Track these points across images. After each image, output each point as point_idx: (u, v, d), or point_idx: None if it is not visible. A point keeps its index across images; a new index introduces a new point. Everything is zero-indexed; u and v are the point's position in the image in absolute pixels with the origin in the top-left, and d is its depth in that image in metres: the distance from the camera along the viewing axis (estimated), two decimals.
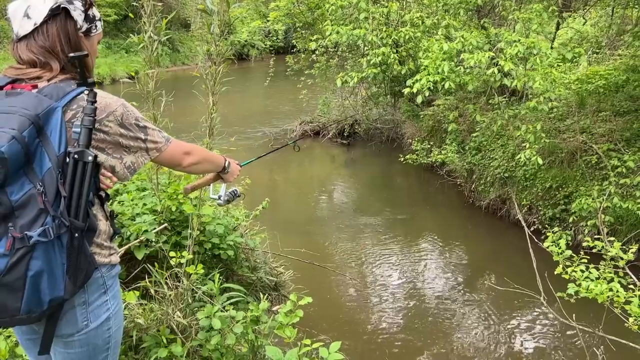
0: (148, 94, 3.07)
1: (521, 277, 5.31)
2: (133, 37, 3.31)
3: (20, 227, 1.34)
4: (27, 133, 1.35)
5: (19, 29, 1.52)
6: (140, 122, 1.61)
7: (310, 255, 5.06)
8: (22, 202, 1.35)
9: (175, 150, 1.72)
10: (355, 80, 7.17)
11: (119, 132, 1.55)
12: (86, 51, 1.55)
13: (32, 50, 1.51)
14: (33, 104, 1.40)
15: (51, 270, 1.39)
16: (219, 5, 2.71)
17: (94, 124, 1.46)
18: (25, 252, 1.34)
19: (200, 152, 1.88)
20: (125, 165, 1.59)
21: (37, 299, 1.38)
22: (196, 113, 3.28)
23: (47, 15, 1.50)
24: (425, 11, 7.99)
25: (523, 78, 5.73)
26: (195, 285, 3.05)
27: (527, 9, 6.47)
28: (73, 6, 1.54)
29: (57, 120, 1.41)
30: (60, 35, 1.52)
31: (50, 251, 1.38)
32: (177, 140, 1.76)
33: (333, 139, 11.93)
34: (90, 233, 1.53)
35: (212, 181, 2.20)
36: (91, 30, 1.61)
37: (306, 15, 11.63)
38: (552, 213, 6.66)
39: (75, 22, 1.55)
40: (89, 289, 1.57)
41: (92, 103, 1.45)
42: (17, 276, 1.34)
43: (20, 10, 1.51)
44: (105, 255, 1.62)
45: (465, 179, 8.31)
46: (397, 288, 5.77)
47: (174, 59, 24.37)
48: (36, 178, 1.37)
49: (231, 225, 3.86)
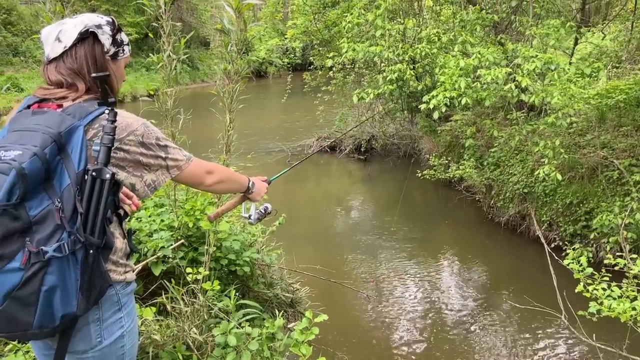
0: (167, 112, 3.12)
1: (541, 294, 5.22)
2: (153, 56, 3.38)
3: (37, 242, 1.37)
4: (49, 150, 1.39)
5: (50, 51, 1.59)
6: (161, 141, 1.63)
7: (327, 272, 5.04)
8: (40, 218, 1.38)
9: (196, 169, 1.74)
10: (372, 96, 7.19)
11: (139, 150, 1.58)
12: (108, 72, 1.59)
13: (60, 71, 1.57)
14: (56, 122, 1.45)
15: (64, 285, 1.41)
16: (236, 25, 2.75)
17: (113, 142, 1.49)
18: (40, 267, 1.36)
19: (222, 171, 1.89)
20: (145, 183, 1.62)
21: (49, 314, 1.39)
22: (214, 130, 3.32)
23: (76, 39, 1.57)
24: (441, 27, 8.01)
25: (541, 94, 5.68)
26: (212, 302, 3.06)
27: (545, 24, 6.44)
28: (101, 30, 1.61)
29: (78, 138, 1.45)
30: (87, 58, 1.58)
31: (65, 267, 1.40)
32: (199, 159, 1.77)
33: (350, 154, 11.95)
34: (106, 250, 1.55)
35: (237, 204, 2.20)
36: (118, 53, 1.67)
37: (323, 33, 11.74)
38: (573, 229, 6.54)
39: (103, 46, 1.62)
40: (103, 306, 1.58)
41: (112, 122, 1.49)
42: (31, 291, 1.36)
43: (53, 34, 1.58)
44: (120, 272, 1.63)
45: (484, 195, 8.23)
46: (415, 305, 5.70)
47: (193, 77, 24.76)
48: (55, 194, 1.40)
49: (247, 241, 3.87)
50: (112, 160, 1.51)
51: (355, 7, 8.61)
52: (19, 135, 1.44)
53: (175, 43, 3.13)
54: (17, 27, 20.56)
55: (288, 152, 12.06)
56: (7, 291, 1.35)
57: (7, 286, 1.35)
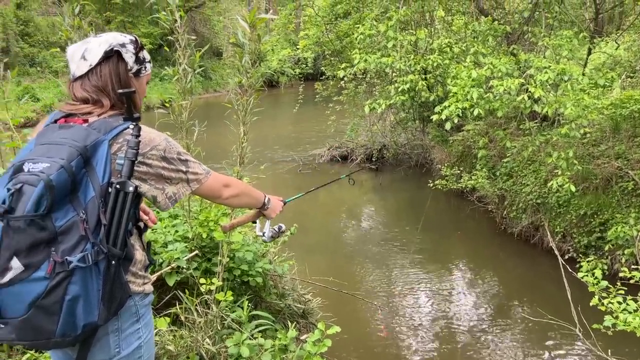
0: (182, 124, 3.16)
1: (555, 307, 5.18)
2: (168, 68, 3.43)
3: (62, 252, 1.40)
4: (75, 163, 1.44)
5: (76, 69, 1.64)
6: (182, 155, 1.68)
7: (338, 283, 5.04)
8: (65, 228, 1.42)
9: (214, 182, 1.79)
10: (384, 107, 7.20)
11: (161, 165, 1.62)
12: (134, 88, 1.65)
13: (85, 88, 1.63)
14: (82, 136, 1.50)
15: (87, 295, 1.43)
16: (250, 38, 2.79)
17: (136, 156, 1.53)
18: (64, 276, 1.39)
19: (239, 185, 1.94)
20: (167, 195, 1.66)
21: (72, 323, 1.42)
22: (227, 140, 3.35)
23: (101, 57, 1.62)
24: (453, 37, 8.03)
25: (554, 104, 5.66)
26: (225, 313, 3.08)
27: (558, 35, 6.43)
28: (125, 49, 1.67)
29: (103, 152, 1.50)
30: (112, 76, 1.64)
31: (88, 277, 1.43)
32: (217, 173, 1.82)
33: (361, 163, 11.95)
34: (126, 262, 1.58)
35: (253, 219, 2.22)
36: (141, 71, 1.73)
37: (335, 43, 11.80)
38: (587, 241, 6.48)
39: (127, 64, 1.67)
40: (122, 317, 1.61)
41: (136, 137, 1.54)
42: (55, 300, 1.39)
43: (78, 52, 1.64)
44: (139, 284, 1.66)
45: (497, 205, 8.19)
46: (427, 317, 5.67)
47: (206, 86, 24.97)
48: (80, 206, 1.44)
49: (260, 251, 3.89)
50: (134, 174, 1.55)
51: (367, 18, 8.66)
52: (46, 148, 1.48)
53: (191, 56, 3.18)
54: (34, 38, 20.92)
55: (299, 162, 12.10)
56: (32, 300, 1.38)
57: (33, 295, 1.38)
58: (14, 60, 18.29)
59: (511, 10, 9.13)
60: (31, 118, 14.08)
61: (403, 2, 7.61)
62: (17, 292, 1.38)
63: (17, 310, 1.38)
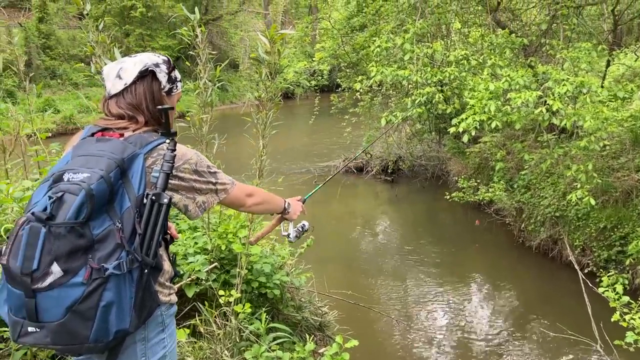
0: (202, 137, 3.21)
1: (575, 322, 5.10)
2: (188, 82, 3.49)
3: (98, 259, 1.45)
4: (113, 174, 1.51)
5: (111, 87, 1.72)
6: (211, 168, 1.79)
7: (354, 296, 5.03)
8: (102, 237, 1.48)
9: (239, 192, 1.89)
10: (400, 119, 7.21)
11: (193, 177, 1.71)
12: (172, 105, 1.76)
13: (120, 106, 1.71)
14: (119, 149, 1.57)
15: (120, 302, 1.48)
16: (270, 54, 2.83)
17: (172, 169, 1.61)
18: (100, 283, 1.44)
19: (261, 193, 2.05)
20: (197, 204, 1.75)
21: (105, 329, 1.46)
22: (245, 153, 3.39)
23: (136, 77, 1.70)
24: (470, 50, 8.02)
25: (573, 117, 5.61)
26: (243, 325, 3.10)
27: (576, 47, 6.39)
28: (159, 69, 1.74)
29: (139, 165, 1.58)
30: (146, 94, 1.72)
31: (122, 284, 1.48)
32: (240, 183, 1.92)
33: (377, 175, 11.93)
34: (156, 272, 1.63)
35: (276, 226, 2.32)
36: (172, 90, 1.80)
37: (351, 56, 11.85)
38: (607, 255, 6.39)
39: (160, 83, 1.75)
40: (149, 326, 1.65)
41: (172, 151, 1.62)
42: (91, 305, 1.43)
43: (114, 71, 1.72)
44: (166, 294, 1.71)
45: (515, 218, 8.11)
46: (444, 331, 5.63)
47: (222, 98, 25.19)
48: (115, 216, 1.51)
49: (277, 263, 3.91)
50: (168, 186, 1.63)
51: (384, 31, 8.70)
52: (85, 159, 1.55)
53: (211, 70, 3.23)
54: (55, 51, 21.34)
55: (315, 173, 12.13)
56: (70, 304, 1.42)
57: (70, 300, 1.42)
58: (36, 73, 18.67)
59: (528, 22, 9.11)
60: (51, 129, 14.32)
61: (419, 14, 7.64)
62: (55, 296, 1.42)
63: (55, 315, 1.43)
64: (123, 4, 23.18)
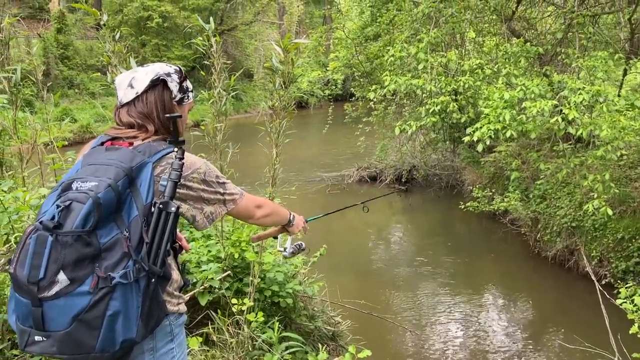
0: (216, 146, 3.23)
1: (592, 334, 5.01)
2: (203, 91, 3.52)
3: (105, 268, 1.45)
4: (121, 183, 1.51)
5: (123, 96, 1.72)
6: (220, 178, 1.76)
7: (368, 306, 5.00)
8: (109, 245, 1.47)
9: (248, 203, 1.87)
10: (414, 128, 7.19)
11: (201, 187, 1.70)
12: (180, 114, 1.74)
13: (131, 114, 1.71)
14: (128, 158, 1.57)
15: (127, 311, 1.46)
16: (284, 63, 2.85)
17: (180, 178, 1.60)
18: (106, 292, 1.43)
19: (269, 205, 2.03)
20: (205, 215, 1.73)
21: (111, 339, 1.44)
22: (259, 161, 3.41)
23: (148, 86, 1.70)
24: (484, 58, 7.99)
25: (589, 126, 5.55)
26: (255, 333, 3.09)
27: (592, 56, 6.33)
28: (170, 78, 1.75)
29: (147, 173, 1.57)
30: (157, 103, 1.72)
31: (128, 293, 1.47)
32: (249, 194, 1.90)
33: (390, 184, 11.89)
34: (164, 281, 1.62)
35: (277, 233, 2.30)
36: (184, 99, 1.80)
37: (365, 65, 11.87)
38: (625, 266, 6.28)
39: (171, 92, 1.75)
40: (157, 336, 1.63)
41: (180, 159, 1.61)
42: (97, 314, 1.42)
43: (126, 81, 1.73)
44: (174, 304, 1.69)
45: (530, 228, 8.02)
46: (458, 342, 5.56)
47: (237, 107, 25.35)
48: (123, 224, 1.50)
49: (290, 272, 3.90)
50: (176, 195, 1.62)
51: (398, 40, 8.70)
52: (94, 168, 1.56)
53: (225, 80, 3.26)
54: (73, 62, 21.66)
55: (328, 182, 12.13)
56: (76, 313, 1.42)
57: (76, 309, 1.42)
58: (54, 83, 18.96)
59: (543, 31, 9.06)
60: (69, 138, 14.52)
61: (434, 24, 7.64)
62: (61, 305, 1.42)
63: (61, 324, 1.42)
64: (140, 14, 23.51)
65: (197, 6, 24.17)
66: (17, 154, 3.38)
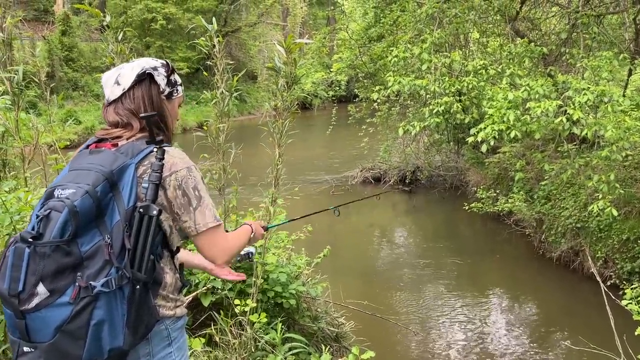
0: (219, 146, 3.22)
1: (597, 335, 4.98)
2: (206, 92, 3.52)
3: (87, 277, 1.41)
4: (100, 188, 1.46)
5: (110, 94, 1.67)
6: (199, 191, 1.61)
7: (372, 307, 4.98)
8: (90, 253, 1.43)
9: (219, 240, 1.66)
10: (418, 129, 7.17)
11: (174, 193, 1.58)
12: (156, 112, 1.65)
13: (118, 112, 1.65)
14: (109, 160, 1.52)
15: (112, 320, 1.43)
16: (286, 63, 2.84)
17: (160, 179, 1.53)
18: (89, 301, 1.39)
19: (234, 248, 1.77)
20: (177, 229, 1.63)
21: (98, 348, 1.42)
22: (262, 163, 3.40)
23: (134, 81, 1.65)
24: (488, 59, 7.96)
25: (594, 127, 5.52)
26: (258, 334, 3.08)
27: (597, 56, 6.30)
28: (157, 72, 1.69)
29: (129, 176, 1.51)
30: (144, 98, 1.66)
31: (112, 302, 1.43)
32: (226, 232, 1.71)
33: (394, 185, 11.87)
34: (155, 285, 1.56)
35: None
36: (172, 93, 1.74)
37: (368, 66, 11.86)
38: (631, 267, 6.24)
39: (159, 86, 1.69)
40: (152, 341, 1.59)
41: (160, 160, 1.54)
42: (80, 324, 1.39)
43: (112, 78, 1.68)
44: (170, 307, 1.63)
45: (535, 229, 7.99)
46: (463, 343, 5.54)
47: (241, 109, 25.39)
48: (106, 230, 1.45)
49: (293, 273, 3.89)
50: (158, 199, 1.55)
51: (401, 41, 8.68)
52: (76, 174, 1.52)
53: (228, 80, 3.26)
54: (77, 64, 21.74)
55: (332, 183, 12.12)
56: (58, 325, 1.39)
57: (58, 320, 1.39)
58: (58, 85, 19.03)
59: (548, 31, 9.03)
60: (73, 140, 14.57)
61: (437, 24, 7.62)
62: (43, 317, 1.39)
63: (45, 335, 1.40)
64: (144, 16, 23.59)
65: (201, 8, 24.21)
66: (20, 155, 3.39)
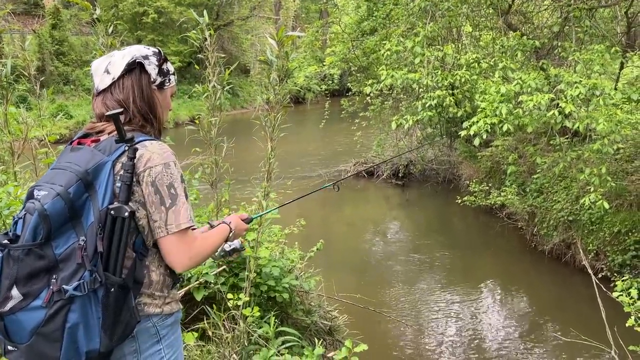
0: (211, 140, 3.21)
1: (589, 327, 5.02)
2: (197, 86, 3.49)
3: (62, 280, 1.39)
4: (73, 189, 1.42)
5: (99, 83, 1.61)
6: (175, 189, 1.53)
7: (365, 300, 4.99)
8: (65, 256, 1.41)
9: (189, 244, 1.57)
10: (411, 122, 7.17)
11: (147, 190, 1.51)
12: (122, 110, 1.55)
13: (106, 103, 1.59)
14: (85, 159, 1.47)
15: (87, 323, 1.41)
16: (278, 56, 2.82)
17: (132, 179, 1.48)
18: (62, 304, 1.38)
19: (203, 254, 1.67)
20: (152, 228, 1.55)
21: (74, 349, 1.41)
22: (254, 156, 3.38)
23: (124, 70, 1.59)
24: (481, 53, 7.96)
25: (585, 120, 5.55)
26: (251, 328, 3.08)
27: (589, 49, 6.32)
28: (148, 61, 1.63)
29: (105, 174, 1.46)
30: (134, 88, 1.60)
31: (87, 305, 1.41)
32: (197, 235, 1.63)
33: (387, 179, 11.88)
34: (136, 285, 1.53)
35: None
36: (164, 83, 1.68)
37: (361, 60, 11.83)
38: (622, 259, 6.29)
39: (150, 76, 1.63)
40: (139, 338, 1.56)
41: (131, 159, 1.48)
42: (55, 327, 1.38)
43: (102, 66, 1.61)
44: (157, 305, 1.59)
45: (527, 222, 8.03)
46: (456, 336, 5.57)
47: (233, 103, 25.29)
48: (81, 232, 1.42)
49: (286, 267, 3.89)
50: (133, 197, 1.50)
51: (394, 35, 8.67)
52: (54, 173, 1.49)
53: (220, 74, 3.23)
54: (68, 58, 21.55)
55: (325, 177, 12.10)
56: (33, 328, 1.38)
57: (33, 323, 1.39)
58: (49, 79, 18.87)
59: (540, 24, 9.03)
60: (64, 135, 14.47)
61: (430, 18, 7.61)
62: (18, 320, 1.39)
63: (22, 337, 1.40)
64: (135, 9, 23.40)
65: (193, 1, 24.06)
66: (9, 149, 3.35)
